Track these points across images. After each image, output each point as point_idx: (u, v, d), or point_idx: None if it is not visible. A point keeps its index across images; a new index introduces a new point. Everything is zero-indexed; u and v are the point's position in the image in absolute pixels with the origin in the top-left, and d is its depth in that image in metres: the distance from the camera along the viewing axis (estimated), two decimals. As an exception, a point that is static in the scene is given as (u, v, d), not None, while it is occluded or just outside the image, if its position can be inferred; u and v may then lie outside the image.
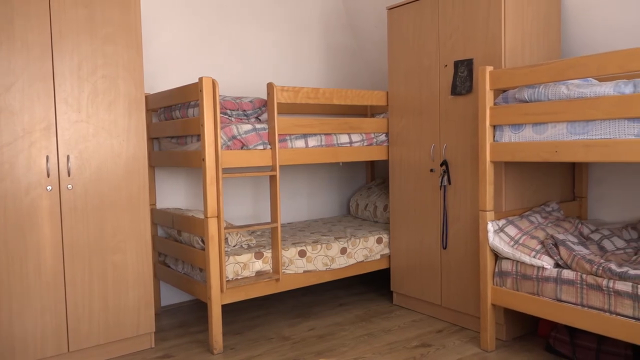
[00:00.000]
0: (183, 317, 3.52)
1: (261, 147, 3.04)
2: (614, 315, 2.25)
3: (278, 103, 3.42)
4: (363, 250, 3.50)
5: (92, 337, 2.74)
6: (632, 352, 2.45)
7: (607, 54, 2.22)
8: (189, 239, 3.12)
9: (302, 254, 3.23)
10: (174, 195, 3.78)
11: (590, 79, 2.61)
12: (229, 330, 3.23)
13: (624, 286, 2.22)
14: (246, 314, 3.55)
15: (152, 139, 3.58)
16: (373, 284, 4.18)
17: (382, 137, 3.60)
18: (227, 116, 3.21)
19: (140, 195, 2.86)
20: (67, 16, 2.62)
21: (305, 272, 3.25)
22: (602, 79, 2.82)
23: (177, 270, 3.33)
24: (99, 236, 2.74)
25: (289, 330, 3.21)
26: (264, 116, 3.33)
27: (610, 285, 2.27)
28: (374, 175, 4.73)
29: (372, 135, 3.56)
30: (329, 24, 4.56)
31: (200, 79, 2.77)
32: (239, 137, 2.96)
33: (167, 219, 3.34)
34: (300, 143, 3.23)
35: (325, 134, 3.33)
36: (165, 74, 3.74)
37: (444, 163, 3.17)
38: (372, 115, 4.41)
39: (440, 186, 3.21)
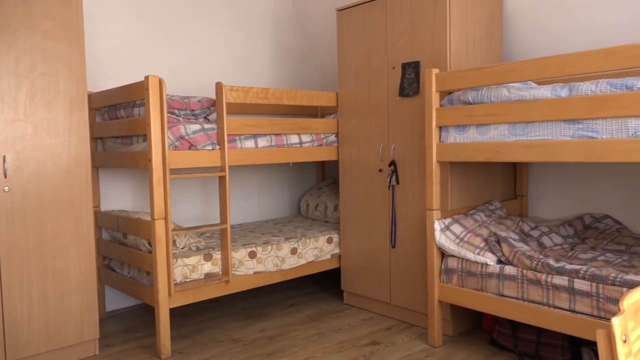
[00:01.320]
0: (129, 322, 3.42)
1: (210, 147, 3.00)
2: (552, 309, 2.36)
3: (227, 103, 3.39)
4: (314, 250, 3.51)
5: (31, 346, 2.63)
6: (569, 343, 2.57)
7: (544, 58, 2.32)
8: (135, 242, 3.04)
9: (252, 255, 3.21)
10: (120, 197, 3.67)
11: (530, 82, 2.73)
12: (177, 335, 3.17)
13: (561, 280, 2.33)
14: (195, 317, 3.49)
15: (95, 139, 3.47)
16: (324, 284, 4.20)
17: (332, 138, 3.63)
18: (174, 116, 3.15)
19: (83, 197, 2.77)
20: (4, 9, 2.49)
21: (255, 273, 3.23)
22: (540, 83, 2.95)
23: (122, 274, 3.23)
24: (39, 240, 2.63)
25: (239, 332, 3.18)
26: (213, 116, 3.29)
27: (549, 279, 2.37)
28: (325, 176, 4.76)
29: (322, 136, 3.58)
30: (280, 25, 4.55)
31: (146, 77, 2.70)
32: (187, 137, 2.91)
33: (112, 221, 3.24)
34: (250, 143, 3.20)
35: (276, 135, 3.32)
36: (111, 72, 3.62)
37: (393, 163, 3.22)
38: (323, 116, 4.43)
39: (389, 186, 3.26)
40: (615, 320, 0.91)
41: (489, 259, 2.63)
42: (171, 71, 3.91)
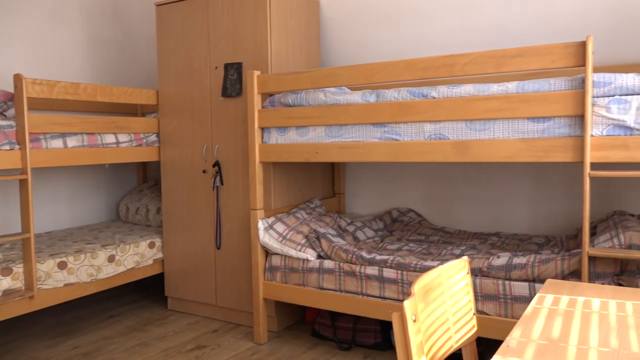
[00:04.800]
0: None
1: (7, 147, 2.65)
2: (366, 297, 2.56)
3: (30, 98, 3.02)
4: (134, 257, 3.32)
5: None
6: (380, 327, 2.82)
7: (356, 66, 2.51)
8: None
9: (62, 265, 2.92)
10: None
11: (344, 87, 2.92)
12: (-32, 363, 2.74)
13: (372, 270, 2.54)
14: (-8, 340, 3.06)
15: None
16: (146, 291, 4.00)
17: (153, 138, 3.47)
18: (-40, 110, 2.72)
19: None
20: None
21: (66, 285, 2.94)
22: (354, 88, 3.18)
23: None
24: None
25: (48, 352, 2.87)
26: (11, 112, 2.91)
27: (362, 270, 2.57)
28: (146, 177, 4.53)
29: (142, 136, 3.40)
30: (93, 16, 4.20)
31: None
32: (-24, 135, 2.53)
33: None
34: (57, 143, 2.91)
35: (88, 134, 3.07)
36: None
37: (217, 164, 3.20)
38: (143, 115, 4.21)
39: (213, 187, 3.23)
40: (406, 303, 1.02)
41: (310, 255, 2.76)
42: (-44, 58, 3.37)
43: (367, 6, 3.23)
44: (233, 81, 3.10)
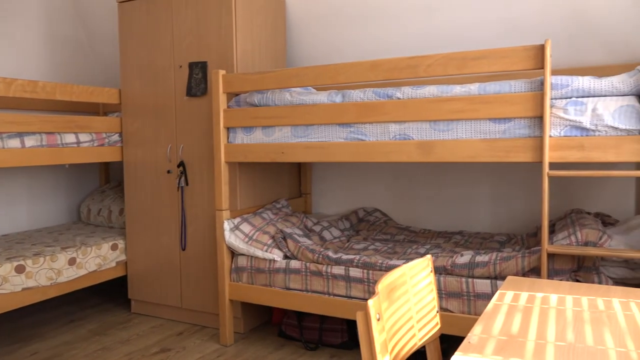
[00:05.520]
0: None
1: (-40, 146, 2.55)
2: (332, 296, 2.57)
3: (-16, 95, 2.92)
4: (96, 259, 3.24)
5: None
6: (346, 326, 2.83)
7: (321, 66, 2.52)
8: None
9: (20, 269, 2.82)
10: None
11: (310, 87, 2.93)
12: None
13: (339, 270, 2.55)
14: (-55, 348, 2.94)
15: None
16: (109, 294, 3.91)
17: (116, 137, 3.40)
18: None
19: None
20: None
21: (24, 289, 2.84)
22: (319, 88, 3.19)
23: None
24: None
25: (5, 359, 2.77)
26: (-35, 110, 2.81)
27: (329, 270, 2.58)
28: (109, 178, 4.43)
29: (104, 135, 3.33)
30: (51, 11, 4.08)
31: None
32: None
33: None
34: (14, 143, 2.82)
35: (47, 133, 2.98)
36: None
37: (181, 164, 3.15)
38: (105, 114, 4.12)
39: (178, 187, 3.19)
40: (370, 302, 1.03)
41: (276, 255, 2.75)
42: None
43: (333, 7, 3.25)
44: (198, 80, 3.06)
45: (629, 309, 1.28)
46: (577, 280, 2.18)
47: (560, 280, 2.17)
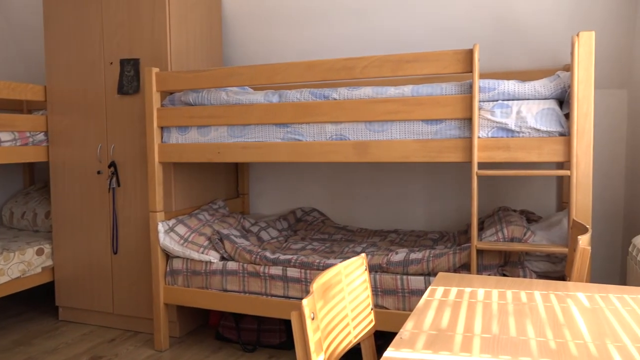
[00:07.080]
0: None
1: None
2: (270, 297, 2.56)
3: None
4: (19, 265, 3.07)
5: None
6: (285, 327, 2.83)
7: (258, 66, 2.50)
8: None
9: None
10: None
11: (247, 87, 2.90)
12: None
13: (276, 270, 2.55)
14: None
15: None
16: (34, 302, 3.71)
17: (41, 137, 3.23)
18: None
19: None
20: None
21: (-62, 299, 2.65)
22: (256, 88, 3.17)
23: None
24: None
25: None
26: None
27: (266, 271, 2.57)
28: (34, 179, 4.20)
29: (28, 134, 3.15)
30: (-32, 1, 3.82)
31: None
32: None
33: None
34: None
35: (-37, 131, 2.79)
36: None
37: (113, 164, 3.04)
38: (30, 112, 3.90)
39: (109, 188, 3.07)
40: (304, 302, 1.03)
41: (213, 257, 2.71)
42: None
43: (268, 7, 3.23)
44: (130, 78, 2.96)
45: (548, 301, 1.36)
46: (504, 275, 2.28)
47: (489, 275, 2.26)
